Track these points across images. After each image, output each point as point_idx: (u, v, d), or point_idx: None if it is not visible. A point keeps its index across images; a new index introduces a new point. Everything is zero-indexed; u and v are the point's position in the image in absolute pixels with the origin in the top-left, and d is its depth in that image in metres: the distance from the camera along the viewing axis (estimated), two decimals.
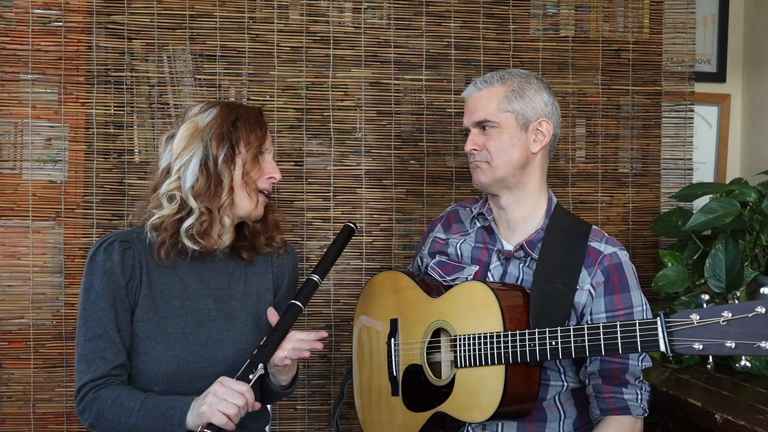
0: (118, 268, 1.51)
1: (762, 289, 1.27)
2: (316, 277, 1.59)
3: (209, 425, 1.37)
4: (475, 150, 1.67)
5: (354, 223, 1.71)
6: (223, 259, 1.63)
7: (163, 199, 1.53)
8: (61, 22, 2.09)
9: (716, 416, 1.53)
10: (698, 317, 1.31)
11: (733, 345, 1.27)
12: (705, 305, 1.33)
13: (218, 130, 1.53)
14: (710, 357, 1.33)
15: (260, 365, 1.45)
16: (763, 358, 1.82)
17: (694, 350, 1.31)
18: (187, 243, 1.53)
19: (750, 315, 1.26)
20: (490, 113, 1.65)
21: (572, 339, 1.43)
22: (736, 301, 1.30)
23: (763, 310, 1.25)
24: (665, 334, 1.33)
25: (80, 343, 1.50)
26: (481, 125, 1.66)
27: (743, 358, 1.30)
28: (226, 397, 1.38)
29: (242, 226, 1.64)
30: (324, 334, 1.52)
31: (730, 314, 1.28)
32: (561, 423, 1.63)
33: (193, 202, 1.51)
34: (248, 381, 1.42)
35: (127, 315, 1.51)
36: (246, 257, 1.64)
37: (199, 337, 1.54)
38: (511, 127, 1.64)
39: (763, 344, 1.25)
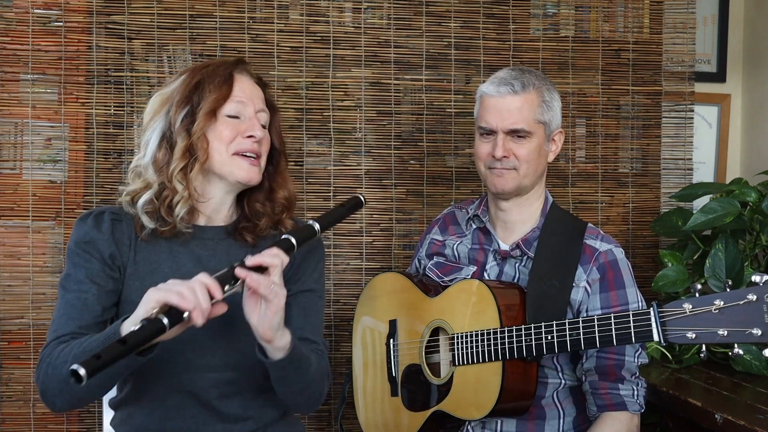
0: (105, 236, 1.40)
1: (753, 277, 1.28)
2: (316, 225, 1.38)
3: (167, 309, 1.15)
4: (505, 156, 1.64)
5: (363, 197, 1.55)
6: (224, 238, 1.48)
7: (130, 175, 1.44)
8: (61, 22, 2.09)
9: (716, 416, 1.53)
10: (691, 306, 1.32)
11: (726, 333, 1.29)
12: (697, 294, 1.34)
13: (180, 96, 1.42)
14: (703, 346, 1.35)
15: (238, 282, 1.24)
16: (764, 357, 1.82)
17: (687, 339, 1.33)
18: (144, 220, 1.40)
19: (741, 302, 1.28)
20: (528, 123, 1.62)
21: (567, 332, 1.45)
22: (728, 289, 1.31)
23: (755, 297, 1.26)
24: (659, 323, 1.35)
25: (59, 306, 1.40)
26: (515, 133, 1.63)
27: (735, 345, 1.31)
28: (188, 283, 1.18)
29: (243, 204, 1.50)
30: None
31: (722, 302, 1.30)
32: (560, 421, 1.63)
33: (151, 175, 1.41)
34: (223, 291, 1.22)
35: (112, 279, 1.40)
36: (249, 240, 1.47)
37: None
38: (540, 138, 1.65)
39: (754, 331, 1.27)
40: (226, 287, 1.22)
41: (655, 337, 1.35)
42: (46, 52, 2.08)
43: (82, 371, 1.00)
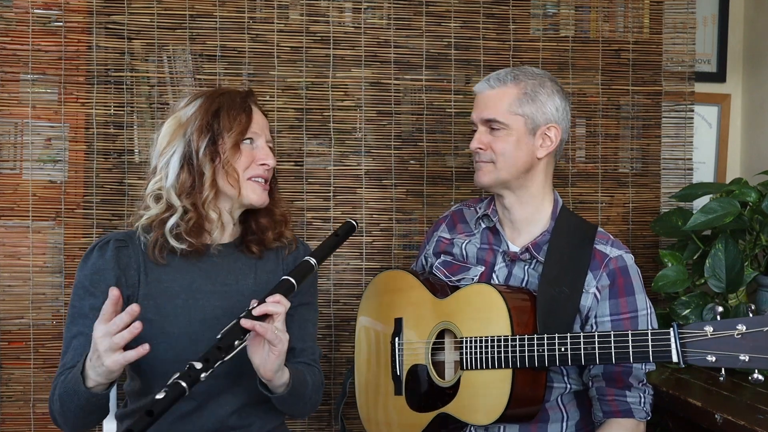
0: (110, 265, 1.47)
1: None
2: (313, 260, 1.49)
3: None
4: (480, 149, 1.65)
5: (356, 221, 1.66)
6: (230, 253, 1.57)
7: (149, 199, 1.50)
8: (61, 22, 2.09)
9: (716, 416, 1.53)
10: (712, 329, 1.30)
11: (747, 358, 1.27)
12: (719, 317, 1.32)
13: (199, 123, 1.49)
14: (722, 369, 1.33)
15: (247, 335, 1.33)
16: None
17: (707, 362, 1.30)
18: (174, 243, 1.48)
19: (765, 329, 1.26)
20: (500, 114, 1.62)
21: (582, 346, 1.42)
22: (750, 314, 1.29)
23: None
24: (678, 345, 1.33)
25: (66, 340, 1.47)
26: (489, 124, 1.64)
27: (756, 371, 1.29)
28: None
29: (248, 220, 1.60)
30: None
31: (744, 327, 1.28)
32: (563, 424, 1.63)
33: (175, 200, 1.48)
34: (233, 349, 1.31)
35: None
36: (256, 251, 1.58)
37: (202, 337, 1.45)
38: (519, 131, 1.62)
39: None
40: (236, 342, 1.32)
41: (674, 359, 1.33)
42: (46, 52, 2.08)
43: None
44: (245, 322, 1.32)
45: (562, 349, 1.44)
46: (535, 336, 1.47)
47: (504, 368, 1.49)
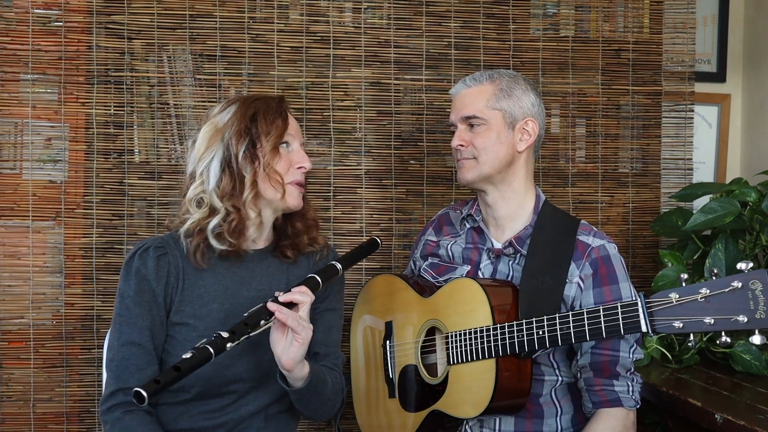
0: (153, 275, 1.50)
1: (738, 264, 1.29)
2: (339, 265, 1.59)
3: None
4: (461, 146, 1.68)
5: (379, 240, 1.77)
6: (263, 259, 1.61)
7: (191, 204, 1.53)
8: (61, 22, 2.09)
9: (716, 416, 1.53)
10: (677, 296, 1.34)
11: (712, 321, 1.30)
12: (684, 284, 1.35)
13: (237, 127, 1.52)
14: (691, 335, 1.36)
15: (272, 318, 1.40)
16: (764, 357, 1.82)
17: (674, 329, 1.34)
18: (214, 243, 1.51)
19: (727, 290, 1.29)
20: (479, 110, 1.66)
21: (558, 327, 1.46)
22: (714, 278, 1.31)
23: (740, 284, 1.28)
24: (646, 314, 1.36)
25: (113, 348, 1.49)
26: (469, 122, 1.67)
27: (723, 333, 1.31)
28: None
29: (284, 225, 1.63)
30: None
31: (708, 291, 1.31)
32: (558, 419, 1.63)
33: (217, 203, 1.51)
34: (258, 327, 1.39)
35: (163, 322, 1.51)
36: (290, 255, 1.62)
37: None
38: (498, 125, 1.66)
39: (740, 318, 1.28)
40: (261, 322, 1.38)
41: (643, 328, 1.36)
42: (46, 52, 2.08)
43: (144, 393, 1.23)
44: (271, 305, 1.39)
45: (540, 332, 1.47)
46: (515, 323, 1.50)
47: (487, 358, 1.51)
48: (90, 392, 2.10)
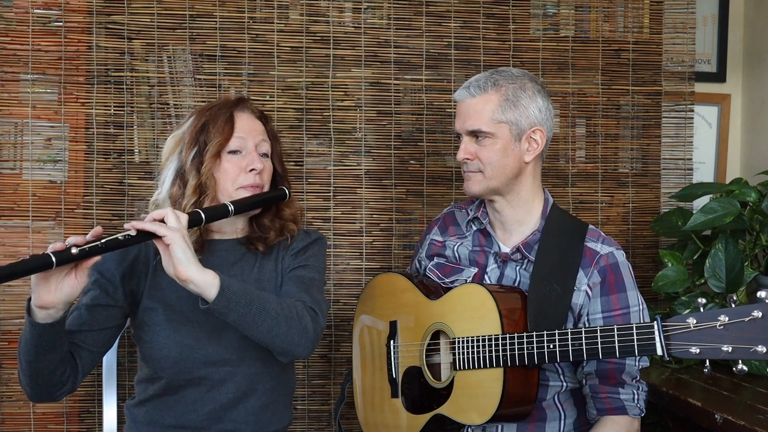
0: (113, 261, 1.57)
1: (759, 293, 1.26)
2: (231, 206, 1.53)
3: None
4: (467, 159, 1.65)
5: (287, 190, 1.68)
6: (234, 248, 1.65)
7: (151, 208, 1.62)
8: (61, 22, 2.09)
9: (716, 416, 1.54)
10: (695, 321, 1.30)
11: (730, 349, 1.27)
12: (702, 309, 1.33)
13: (189, 137, 1.60)
14: (707, 361, 1.33)
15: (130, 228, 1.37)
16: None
17: (690, 354, 1.30)
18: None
19: (747, 319, 1.26)
20: (484, 123, 1.62)
21: (570, 342, 1.43)
22: (734, 305, 1.29)
23: (760, 314, 1.24)
24: (662, 338, 1.33)
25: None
26: (474, 134, 1.64)
27: (740, 362, 1.29)
28: None
29: (259, 218, 1.66)
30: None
31: (727, 318, 1.28)
32: (561, 423, 1.63)
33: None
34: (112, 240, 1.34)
35: (109, 307, 1.57)
36: (261, 249, 1.65)
37: (204, 324, 1.56)
38: (504, 138, 1.62)
39: (759, 348, 1.25)
40: (119, 237, 1.34)
41: (659, 351, 1.33)
42: (46, 52, 2.08)
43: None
44: (126, 225, 1.37)
45: (551, 346, 1.45)
46: (525, 334, 1.48)
47: (495, 367, 1.49)
48: (90, 392, 2.10)
